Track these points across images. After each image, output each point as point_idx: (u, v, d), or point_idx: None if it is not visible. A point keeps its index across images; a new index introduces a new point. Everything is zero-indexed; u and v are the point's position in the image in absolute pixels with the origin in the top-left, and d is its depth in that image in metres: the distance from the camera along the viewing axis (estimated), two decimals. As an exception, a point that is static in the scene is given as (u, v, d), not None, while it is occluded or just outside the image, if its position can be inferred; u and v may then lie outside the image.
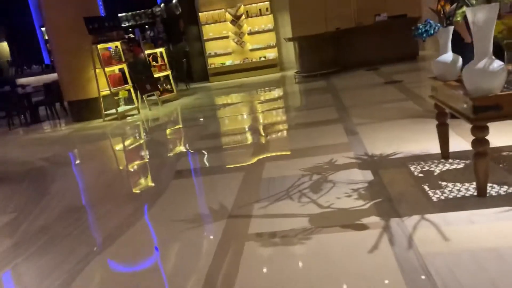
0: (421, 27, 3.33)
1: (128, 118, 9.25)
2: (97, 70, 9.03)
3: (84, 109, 9.58)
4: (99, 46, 8.90)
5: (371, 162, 3.98)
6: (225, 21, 13.14)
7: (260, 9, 13.02)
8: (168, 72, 10.71)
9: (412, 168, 3.61)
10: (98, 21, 8.95)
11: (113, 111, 9.16)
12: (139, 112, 9.58)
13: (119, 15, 15.67)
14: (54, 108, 10.56)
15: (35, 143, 8.19)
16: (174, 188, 4.30)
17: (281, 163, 4.51)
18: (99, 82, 9.10)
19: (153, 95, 10.03)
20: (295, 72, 11.18)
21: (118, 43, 9.39)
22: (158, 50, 10.67)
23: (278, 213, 3.22)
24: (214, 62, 13.49)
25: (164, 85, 10.69)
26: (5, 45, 17.69)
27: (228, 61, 13.40)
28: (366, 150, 4.33)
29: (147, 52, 10.30)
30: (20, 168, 6.28)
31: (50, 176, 5.59)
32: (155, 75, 10.24)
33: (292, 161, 4.49)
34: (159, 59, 10.85)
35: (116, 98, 9.27)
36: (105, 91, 9.18)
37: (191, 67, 13.75)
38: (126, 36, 9.66)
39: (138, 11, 15.91)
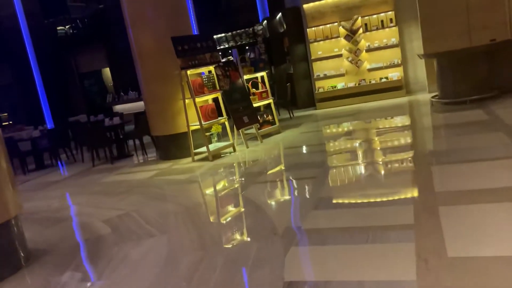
0: None
1: (221, 155, 7.52)
2: (187, 101, 7.47)
3: (171, 146, 8.08)
4: (189, 71, 7.34)
5: None
6: (338, 37, 11.03)
7: (382, 21, 10.69)
8: (270, 100, 8.86)
9: None
10: (188, 41, 7.42)
11: (204, 149, 7.50)
12: (234, 150, 7.81)
13: (217, 36, 14.45)
14: (141, 141, 9.26)
15: (109, 189, 6.77)
16: None
17: None
18: (189, 115, 7.53)
19: (251, 127, 8.22)
20: (433, 97, 8.63)
21: (212, 68, 7.77)
22: (258, 75, 8.90)
23: None
24: (322, 86, 11.41)
25: (265, 115, 8.85)
26: (107, 70, 17.53)
27: (340, 84, 11.22)
28: None
29: (245, 77, 8.58)
30: (71, 238, 4.74)
31: (105, 258, 3.90)
32: (255, 104, 8.45)
33: None
34: (259, 85, 9.07)
35: (207, 134, 7.61)
36: (195, 126, 7.58)
37: (295, 92, 11.83)
38: (223, 60, 8.01)
39: (238, 31, 14.53)
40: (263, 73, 8.83)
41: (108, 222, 5.00)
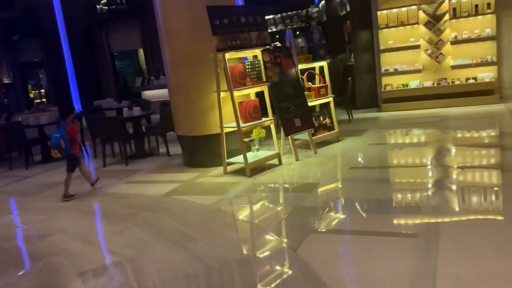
0: None
1: (262, 171, 5.62)
2: (222, 94, 5.59)
3: (199, 151, 6.25)
4: (228, 55, 5.44)
5: None
6: (416, 23, 8.81)
7: (476, 6, 8.40)
8: (330, 99, 6.84)
9: None
10: (229, 13, 5.50)
11: (240, 158, 5.61)
12: (280, 163, 5.89)
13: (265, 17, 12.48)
14: (165, 138, 7.48)
15: (110, 209, 5.01)
16: None
17: None
18: (223, 112, 5.66)
19: (304, 132, 6.26)
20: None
21: (258, 52, 5.84)
22: (317, 64, 6.87)
23: None
24: (391, 83, 9.26)
25: (321, 118, 6.85)
26: (141, 51, 15.93)
27: (414, 82, 9.03)
28: None
29: (300, 67, 6.60)
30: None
31: None
32: (310, 103, 6.46)
33: None
34: (316, 78, 7.07)
35: (246, 140, 5.71)
36: (230, 128, 5.70)
37: (354, 89, 9.74)
38: (272, 45, 6.08)
39: (289, 13, 12.49)
40: (323, 63, 6.80)
41: (85, 279, 3.21)
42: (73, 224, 4.63)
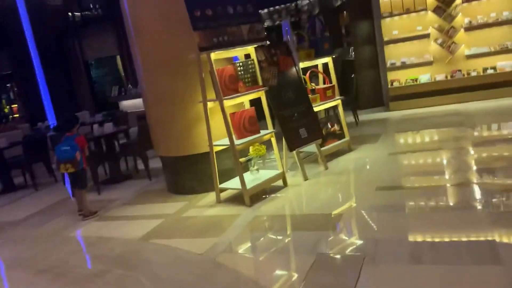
0: None
1: (264, 197, 4.51)
2: (210, 104, 4.47)
3: (184, 174, 5.11)
4: (214, 55, 4.31)
5: None
6: (424, 9, 7.79)
7: (492, -15, 7.42)
8: (338, 101, 5.74)
9: None
10: (212, 1, 4.37)
11: (237, 182, 4.49)
12: (285, 184, 4.79)
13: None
14: (144, 158, 6.31)
15: (71, 265, 3.85)
16: None
17: None
18: (213, 126, 4.54)
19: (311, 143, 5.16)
20: None
21: (251, 49, 4.72)
22: (320, 61, 5.77)
23: None
24: (398, 78, 8.22)
25: (329, 125, 5.76)
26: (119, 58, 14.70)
27: (424, 76, 8.00)
28: None
29: (301, 65, 5.49)
30: None
31: None
32: (316, 108, 5.36)
33: None
34: (320, 77, 5.97)
35: (242, 160, 4.59)
36: (222, 145, 4.58)
37: (357, 87, 8.67)
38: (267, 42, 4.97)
39: (277, 7, 11.41)
40: (328, 59, 5.70)
41: None
42: (20, 290, 3.46)
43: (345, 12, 9.14)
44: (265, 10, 11.36)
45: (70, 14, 16.02)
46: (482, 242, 2.90)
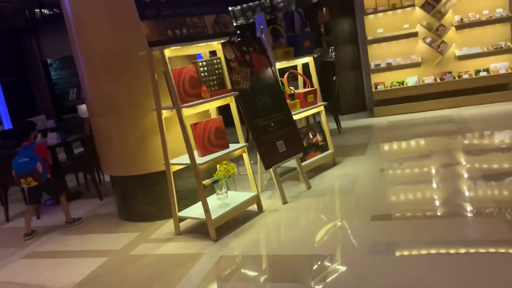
0: None
1: (236, 227, 3.65)
2: (165, 113, 3.57)
3: (137, 197, 4.20)
4: (169, 51, 3.42)
5: None
6: (412, 5, 7.10)
7: (485, -21, 6.78)
8: (321, 108, 4.92)
9: None
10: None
11: (200, 209, 3.60)
12: (260, 210, 3.94)
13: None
14: (93, 176, 5.35)
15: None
16: None
17: None
18: (170, 140, 3.65)
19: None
20: None
21: (218, 46, 3.85)
22: (299, 61, 4.94)
23: None
24: (383, 80, 7.50)
25: (310, 135, 4.95)
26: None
27: (411, 79, 7.30)
28: None
29: (278, 65, 4.65)
30: None
31: None
32: (295, 116, 4.54)
33: None
34: (299, 79, 5.15)
35: (206, 183, 3.70)
36: (180, 164, 3.69)
37: (338, 90, 7.92)
38: (235, 38, 4.13)
39: (250, 4, 10.57)
40: (309, 58, 4.88)
41: None
42: None
43: (324, 8, 8.37)
44: (238, 7, 10.51)
45: (27, 11, 14.80)
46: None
